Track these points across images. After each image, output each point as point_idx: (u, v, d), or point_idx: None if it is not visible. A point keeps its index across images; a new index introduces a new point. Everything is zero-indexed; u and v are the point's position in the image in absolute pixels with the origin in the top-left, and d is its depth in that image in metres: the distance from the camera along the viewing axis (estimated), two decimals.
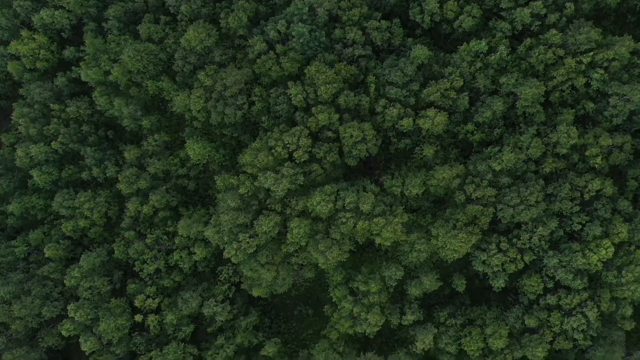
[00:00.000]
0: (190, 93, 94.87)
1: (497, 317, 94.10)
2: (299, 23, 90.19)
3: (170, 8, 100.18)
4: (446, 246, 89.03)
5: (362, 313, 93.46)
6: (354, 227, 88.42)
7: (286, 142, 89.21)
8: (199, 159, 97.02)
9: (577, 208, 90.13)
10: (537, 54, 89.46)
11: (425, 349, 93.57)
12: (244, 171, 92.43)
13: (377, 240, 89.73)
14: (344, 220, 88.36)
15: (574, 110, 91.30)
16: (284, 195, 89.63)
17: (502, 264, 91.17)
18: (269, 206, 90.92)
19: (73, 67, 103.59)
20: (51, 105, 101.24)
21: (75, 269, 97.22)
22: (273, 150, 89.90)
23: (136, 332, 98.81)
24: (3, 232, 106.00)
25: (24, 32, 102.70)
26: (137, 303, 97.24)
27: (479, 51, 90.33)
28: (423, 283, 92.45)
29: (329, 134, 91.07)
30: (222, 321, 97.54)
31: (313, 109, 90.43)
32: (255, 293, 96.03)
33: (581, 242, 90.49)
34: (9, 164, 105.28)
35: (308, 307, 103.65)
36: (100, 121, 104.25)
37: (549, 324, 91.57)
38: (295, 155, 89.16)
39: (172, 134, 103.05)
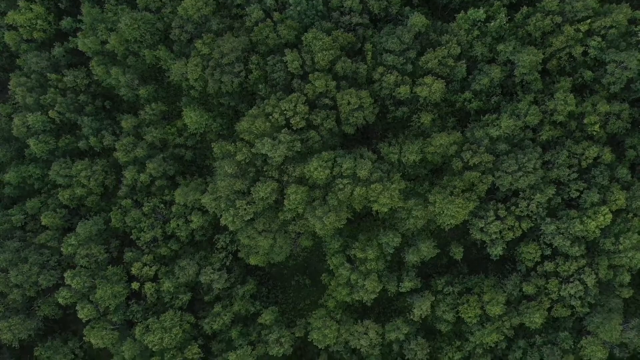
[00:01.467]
0: (188, 62, 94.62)
1: (494, 285, 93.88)
2: None
3: None
4: (443, 212, 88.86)
5: (359, 280, 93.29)
6: (351, 193, 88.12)
7: (283, 108, 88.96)
8: (196, 128, 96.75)
9: (575, 175, 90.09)
10: (534, 21, 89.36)
11: (423, 316, 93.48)
12: (241, 138, 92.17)
13: (374, 207, 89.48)
14: (341, 186, 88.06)
15: (571, 78, 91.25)
16: (281, 162, 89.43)
17: (500, 232, 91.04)
18: (266, 173, 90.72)
19: (70, 38, 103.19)
20: (48, 74, 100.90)
21: (72, 237, 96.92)
22: (270, 117, 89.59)
23: (133, 301, 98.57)
24: (0, 201, 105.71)
25: (21, 3, 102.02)
26: (134, 271, 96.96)
27: (477, 19, 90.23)
28: (420, 250, 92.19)
29: (326, 101, 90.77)
30: (219, 289, 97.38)
31: (310, 75, 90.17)
32: (252, 261, 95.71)
33: (579, 209, 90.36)
34: (6, 134, 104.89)
35: (305, 277, 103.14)
36: (98, 92, 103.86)
37: (546, 291, 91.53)
38: (292, 122, 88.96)
39: (169, 105, 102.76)
